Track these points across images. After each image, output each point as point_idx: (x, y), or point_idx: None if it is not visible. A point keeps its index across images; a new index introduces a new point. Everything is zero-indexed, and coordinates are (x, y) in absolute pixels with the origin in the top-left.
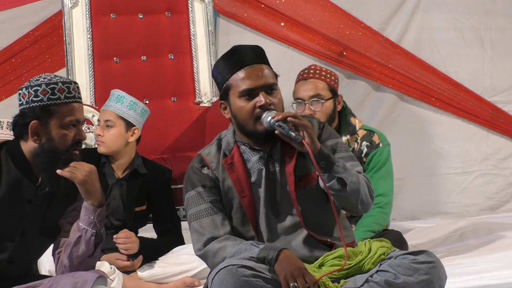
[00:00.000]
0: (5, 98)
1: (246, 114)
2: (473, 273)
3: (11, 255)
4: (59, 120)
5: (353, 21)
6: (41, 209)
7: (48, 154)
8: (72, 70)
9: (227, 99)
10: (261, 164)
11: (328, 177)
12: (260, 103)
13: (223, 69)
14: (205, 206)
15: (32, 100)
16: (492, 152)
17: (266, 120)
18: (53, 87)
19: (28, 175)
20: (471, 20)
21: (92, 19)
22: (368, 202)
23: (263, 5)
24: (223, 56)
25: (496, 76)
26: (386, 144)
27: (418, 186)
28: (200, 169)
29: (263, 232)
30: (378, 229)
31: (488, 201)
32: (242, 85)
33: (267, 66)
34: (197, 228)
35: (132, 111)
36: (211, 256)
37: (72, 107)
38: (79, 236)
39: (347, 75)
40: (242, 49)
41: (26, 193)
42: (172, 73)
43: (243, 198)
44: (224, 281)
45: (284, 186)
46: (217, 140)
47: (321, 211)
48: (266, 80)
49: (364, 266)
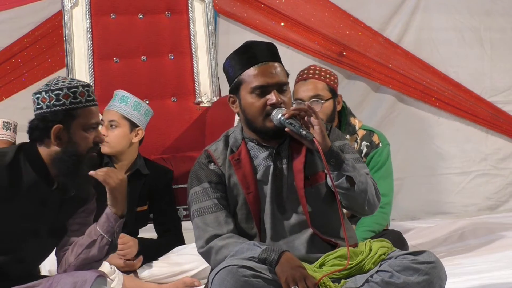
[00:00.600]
0: (5, 98)
1: (256, 111)
2: (473, 273)
3: (21, 255)
4: (80, 124)
5: (353, 21)
6: (54, 211)
7: (72, 157)
8: (72, 70)
9: (237, 94)
10: (269, 161)
11: (337, 175)
12: (271, 101)
13: (235, 64)
14: (209, 203)
15: (53, 104)
16: (491, 152)
17: (276, 118)
18: (75, 91)
19: (45, 178)
20: (471, 20)
21: (92, 19)
22: (374, 203)
23: (263, 5)
24: (236, 50)
25: (496, 76)
26: (386, 144)
27: (417, 186)
28: (207, 165)
29: (267, 229)
30: (378, 229)
31: (487, 201)
32: (254, 82)
33: (280, 64)
34: (200, 224)
35: (136, 111)
36: (213, 253)
37: (91, 110)
38: (93, 240)
39: (347, 75)
40: (256, 45)
41: (41, 195)
42: (172, 73)
43: (248, 194)
44: (224, 281)
45: (291, 184)
46: (225, 136)
47: (328, 210)
48: (279, 78)
49: (364, 266)
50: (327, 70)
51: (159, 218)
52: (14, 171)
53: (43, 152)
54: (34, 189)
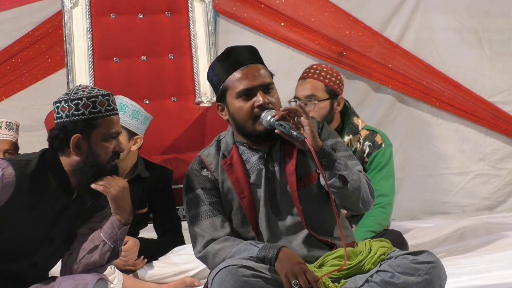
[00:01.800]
0: (5, 98)
1: (244, 115)
2: (473, 273)
3: (35, 261)
4: (100, 133)
5: (353, 21)
6: (71, 220)
7: (92, 168)
8: (72, 70)
9: (224, 101)
10: (261, 164)
11: (329, 174)
12: (258, 103)
13: (219, 71)
14: (204, 209)
15: (73, 114)
16: (489, 152)
17: (265, 120)
18: (94, 101)
19: (65, 187)
20: (470, 21)
21: (92, 19)
22: (369, 200)
23: (263, 5)
24: (218, 58)
25: (494, 76)
26: (389, 145)
27: (417, 186)
28: (199, 171)
29: (263, 232)
30: (379, 229)
31: (485, 201)
32: (239, 86)
33: (263, 65)
34: (196, 230)
35: (134, 120)
36: (211, 257)
37: (111, 119)
38: (95, 246)
39: (347, 75)
40: (237, 50)
41: (60, 204)
42: (172, 73)
43: (242, 199)
44: (224, 281)
45: (284, 186)
46: (216, 141)
47: (322, 210)
48: (263, 79)
49: (364, 266)
50: (331, 70)
51: (159, 218)
52: (36, 181)
53: (64, 161)
54: (54, 199)
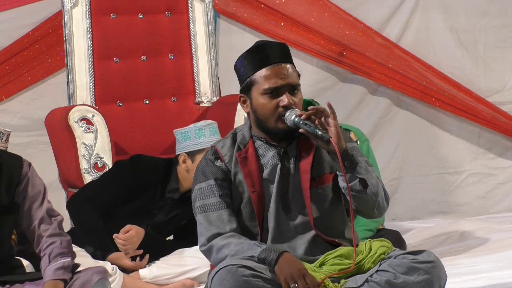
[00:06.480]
0: (5, 98)
1: (268, 112)
2: (473, 273)
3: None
4: None
5: (353, 21)
6: None
7: None
8: (72, 70)
9: (248, 94)
10: (277, 160)
11: (350, 177)
12: (283, 103)
13: (248, 64)
14: (214, 200)
15: None
16: (482, 151)
17: (290, 119)
18: None
19: None
20: (466, 22)
21: (92, 19)
22: (384, 207)
23: (263, 5)
24: (249, 50)
25: (490, 77)
26: (364, 140)
27: (413, 185)
28: (213, 161)
29: (270, 228)
30: (375, 226)
31: (480, 201)
32: (266, 83)
33: (292, 65)
34: (203, 221)
35: (217, 135)
36: (214, 252)
37: None
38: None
39: (346, 75)
40: (268, 46)
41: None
42: (172, 73)
43: (253, 193)
44: (224, 281)
45: (297, 184)
46: (232, 134)
47: (332, 212)
48: (291, 80)
49: (364, 265)
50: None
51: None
52: None
53: None
54: None
